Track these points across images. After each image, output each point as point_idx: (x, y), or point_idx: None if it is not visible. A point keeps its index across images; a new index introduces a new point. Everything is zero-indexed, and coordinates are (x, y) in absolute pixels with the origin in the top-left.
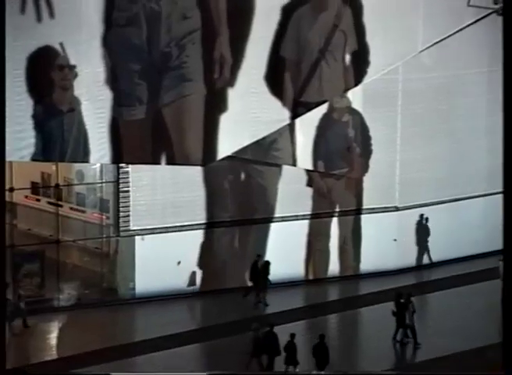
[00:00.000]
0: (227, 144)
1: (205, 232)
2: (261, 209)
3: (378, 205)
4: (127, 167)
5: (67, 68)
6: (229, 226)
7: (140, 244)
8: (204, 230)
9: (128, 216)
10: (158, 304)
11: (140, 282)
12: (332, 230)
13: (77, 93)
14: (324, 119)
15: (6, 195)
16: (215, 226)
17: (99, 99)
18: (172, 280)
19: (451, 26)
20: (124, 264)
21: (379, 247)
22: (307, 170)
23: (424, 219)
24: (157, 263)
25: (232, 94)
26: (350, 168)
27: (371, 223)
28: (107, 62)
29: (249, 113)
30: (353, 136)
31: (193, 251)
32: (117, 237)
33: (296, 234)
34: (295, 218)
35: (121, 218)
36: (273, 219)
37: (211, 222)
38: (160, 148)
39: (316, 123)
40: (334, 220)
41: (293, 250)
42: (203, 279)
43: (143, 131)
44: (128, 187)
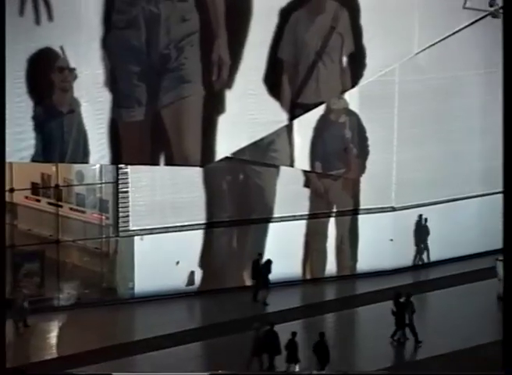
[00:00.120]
0: (225, 145)
1: (204, 232)
2: (259, 210)
3: (374, 206)
4: (126, 168)
5: (67, 70)
6: (228, 227)
7: (140, 244)
8: (203, 230)
9: (127, 216)
10: (156, 303)
11: (139, 282)
12: (329, 230)
13: (77, 95)
14: (321, 121)
15: (7, 196)
16: (213, 227)
17: (98, 101)
18: (170, 279)
19: (447, 29)
20: (123, 264)
21: (376, 247)
22: (304, 171)
23: (423, 220)
24: (156, 263)
25: (231, 96)
26: (347, 169)
27: (368, 223)
28: (106, 64)
29: (247, 115)
30: (350, 137)
31: (191, 251)
32: (116, 238)
33: (294, 234)
34: (293, 218)
35: (120, 218)
36: (271, 220)
37: (209, 222)
38: (159, 149)
39: (313, 125)
40: (331, 220)
41: (291, 250)
42: (202, 278)
43: (142, 132)
44: (127, 187)
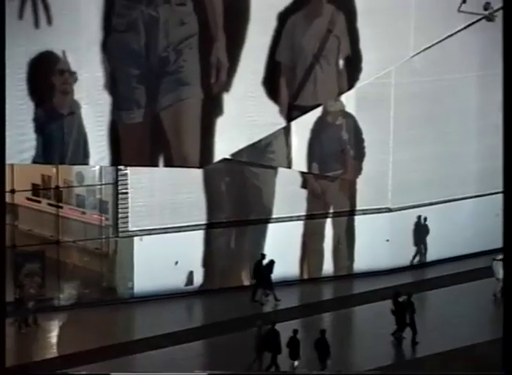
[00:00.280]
0: (224, 147)
1: (204, 233)
2: (257, 210)
3: (371, 207)
4: (126, 169)
5: (67, 73)
6: (226, 227)
7: (139, 245)
8: (202, 230)
9: (127, 217)
10: (155, 303)
11: (138, 281)
12: (326, 230)
13: (77, 97)
14: (318, 123)
15: (8, 197)
16: (212, 227)
17: (98, 103)
18: (169, 279)
19: (442, 32)
20: (123, 264)
21: (372, 247)
22: (301, 172)
23: (422, 219)
24: (155, 263)
25: (229, 98)
26: (344, 170)
27: (365, 223)
28: (106, 66)
29: (245, 116)
30: (347, 139)
31: (190, 252)
32: (116, 238)
33: (292, 235)
34: (290, 219)
35: (120, 219)
36: (269, 220)
37: (208, 223)
38: (158, 151)
39: (311, 126)
40: (328, 221)
41: (289, 250)
42: (201, 278)
43: (141, 134)
44: (127, 188)
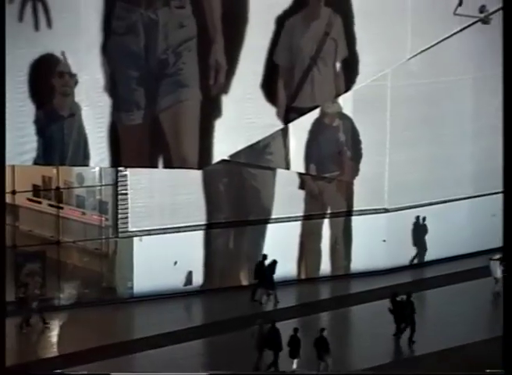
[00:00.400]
0: (222, 148)
1: (203, 233)
2: (255, 211)
3: (368, 207)
4: (125, 170)
5: (67, 75)
6: (225, 228)
7: (138, 245)
8: (201, 231)
9: (126, 217)
10: (155, 303)
11: (137, 281)
12: (323, 230)
13: (77, 99)
14: (316, 124)
15: (9, 198)
16: (211, 228)
17: (98, 105)
18: (168, 279)
19: (438, 35)
20: (122, 264)
21: (369, 247)
22: (299, 173)
23: (421, 219)
24: (154, 263)
25: (227, 100)
26: (341, 171)
27: (362, 224)
28: (106, 69)
29: (244, 118)
30: (344, 140)
31: (189, 252)
32: (116, 238)
33: (289, 235)
34: (288, 219)
35: (119, 219)
36: (267, 221)
37: (207, 223)
38: (157, 152)
39: (308, 128)
40: (325, 221)
41: (286, 250)
42: (199, 278)
43: (141, 136)
44: (126, 189)
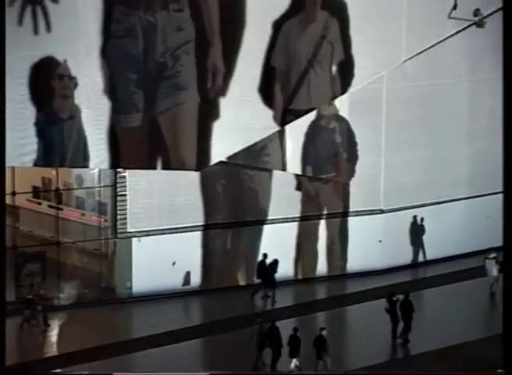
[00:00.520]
0: (220, 150)
1: (201, 234)
2: (253, 212)
3: (364, 208)
4: (124, 172)
5: (67, 77)
6: (223, 228)
7: (137, 246)
8: (199, 231)
9: (125, 218)
10: (153, 302)
11: (136, 282)
12: (320, 231)
13: (77, 101)
14: (312, 126)
15: (9, 199)
16: (209, 229)
17: (98, 107)
18: (167, 279)
19: (433, 37)
20: (121, 264)
21: (365, 248)
22: (296, 175)
23: (418, 219)
24: (153, 264)
25: (225, 102)
26: (337, 172)
27: (358, 225)
28: (105, 71)
29: (241, 120)
30: (340, 142)
31: (187, 252)
32: (115, 239)
33: (286, 236)
34: (285, 220)
35: (118, 220)
36: (264, 222)
37: (205, 224)
38: (156, 154)
39: (305, 130)
40: (322, 222)
41: (283, 251)
42: (197, 278)
43: (139, 138)
44: (125, 191)
